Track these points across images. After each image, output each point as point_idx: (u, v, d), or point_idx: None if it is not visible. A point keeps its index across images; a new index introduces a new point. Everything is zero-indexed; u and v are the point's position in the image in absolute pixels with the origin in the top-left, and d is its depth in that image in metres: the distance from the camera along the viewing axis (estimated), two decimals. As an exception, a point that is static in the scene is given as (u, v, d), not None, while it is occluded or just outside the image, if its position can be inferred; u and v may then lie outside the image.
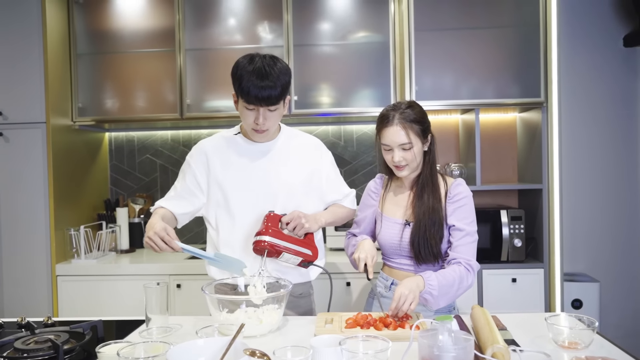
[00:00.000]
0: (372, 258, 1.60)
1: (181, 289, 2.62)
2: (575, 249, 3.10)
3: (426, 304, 1.51)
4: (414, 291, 1.44)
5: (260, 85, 1.53)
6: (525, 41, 2.67)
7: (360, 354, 1.13)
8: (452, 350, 1.00)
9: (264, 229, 1.55)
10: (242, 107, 1.62)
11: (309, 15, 2.79)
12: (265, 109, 1.59)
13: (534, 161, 2.76)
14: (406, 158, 1.62)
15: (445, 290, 1.49)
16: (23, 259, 2.69)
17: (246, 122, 1.64)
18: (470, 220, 1.64)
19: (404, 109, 1.62)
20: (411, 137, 1.60)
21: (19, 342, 1.29)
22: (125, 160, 3.28)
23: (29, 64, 2.68)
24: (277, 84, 1.55)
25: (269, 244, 1.51)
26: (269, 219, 1.59)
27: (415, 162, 1.64)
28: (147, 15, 2.86)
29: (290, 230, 1.60)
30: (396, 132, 1.60)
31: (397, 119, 1.60)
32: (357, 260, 1.60)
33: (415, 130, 1.61)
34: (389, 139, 1.62)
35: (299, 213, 1.62)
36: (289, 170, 1.73)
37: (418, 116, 1.63)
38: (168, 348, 1.10)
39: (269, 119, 1.61)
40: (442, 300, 1.50)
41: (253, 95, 1.54)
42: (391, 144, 1.62)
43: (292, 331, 1.47)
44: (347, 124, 3.16)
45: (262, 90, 1.54)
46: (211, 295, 1.45)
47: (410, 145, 1.60)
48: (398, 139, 1.60)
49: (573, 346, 1.27)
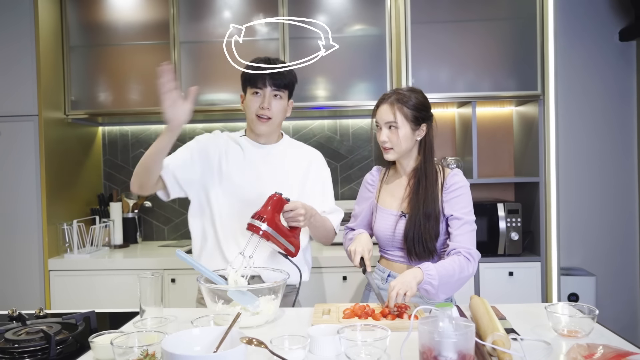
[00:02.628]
0: (368, 251, 1.59)
1: (176, 283, 2.59)
2: (571, 243, 3.10)
3: (427, 295, 1.49)
4: (408, 282, 1.42)
5: (269, 64, 1.63)
6: (522, 34, 2.66)
7: (359, 342, 1.11)
8: (452, 336, 0.98)
9: (266, 214, 1.51)
10: (249, 97, 1.69)
11: (304, 8, 2.77)
12: (271, 92, 1.65)
13: (531, 154, 2.75)
14: (391, 139, 1.63)
15: (445, 279, 1.47)
16: (15, 254, 2.65)
17: (251, 109, 1.68)
18: (468, 209, 1.63)
19: (404, 92, 1.65)
20: (397, 117, 1.61)
21: (9, 332, 1.27)
22: (119, 155, 3.24)
23: (21, 56, 2.64)
24: (284, 72, 1.65)
25: (264, 233, 1.49)
26: (274, 203, 1.54)
27: (400, 146, 1.63)
28: (141, 7, 2.82)
29: (285, 218, 1.58)
30: (385, 109, 1.64)
31: (391, 98, 1.64)
32: (352, 252, 1.59)
33: (404, 112, 1.61)
34: (379, 116, 1.66)
35: (301, 206, 1.58)
36: (284, 172, 1.75)
37: (414, 101, 1.62)
38: (163, 337, 1.08)
39: (273, 105, 1.67)
40: (443, 290, 1.48)
41: (261, 76, 1.63)
42: (379, 121, 1.66)
43: (289, 322, 1.45)
44: (343, 118, 3.14)
45: (269, 69, 1.62)
46: (206, 285, 1.43)
47: (395, 124, 1.61)
48: (385, 116, 1.63)
49: (573, 334, 1.26)
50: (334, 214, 1.81)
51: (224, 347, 1.06)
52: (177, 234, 3.22)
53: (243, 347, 0.99)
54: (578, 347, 1.10)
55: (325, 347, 1.15)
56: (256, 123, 1.69)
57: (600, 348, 1.08)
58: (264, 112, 1.66)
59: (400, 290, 1.39)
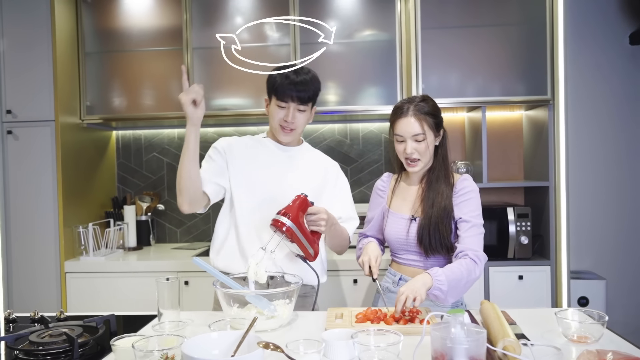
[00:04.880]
0: (375, 259, 1.63)
1: (189, 286, 2.63)
2: (580, 247, 3.10)
3: (436, 300, 1.52)
4: (417, 289, 1.44)
5: (296, 81, 1.66)
6: (532, 39, 2.67)
7: (372, 347, 1.14)
8: (464, 342, 1.01)
9: (290, 212, 1.53)
10: (274, 106, 1.72)
11: (315, 14, 2.80)
12: (296, 107, 1.69)
13: (540, 159, 2.76)
14: (419, 150, 1.64)
15: (454, 284, 1.50)
16: (32, 256, 2.71)
17: (275, 119, 1.72)
18: (477, 213, 1.66)
19: (418, 102, 1.67)
20: (425, 128, 1.63)
21: (34, 335, 1.31)
22: (132, 159, 3.29)
23: (38, 62, 2.70)
24: (309, 86, 1.69)
25: (288, 229, 1.51)
26: (300, 203, 1.56)
27: (427, 156, 1.67)
28: (154, 14, 2.87)
29: (307, 221, 1.60)
30: (410, 122, 1.64)
31: (411, 110, 1.64)
32: (361, 264, 1.65)
33: (429, 122, 1.64)
34: (403, 129, 1.65)
35: (325, 211, 1.60)
36: (306, 174, 1.78)
37: (432, 109, 1.66)
38: (182, 341, 1.12)
39: (297, 118, 1.71)
40: (451, 294, 1.51)
41: (287, 92, 1.66)
42: (405, 135, 1.65)
43: (303, 326, 1.49)
44: (354, 122, 3.17)
45: (296, 86, 1.66)
46: (222, 289, 1.46)
47: (423, 136, 1.63)
48: (412, 129, 1.63)
49: (583, 340, 1.28)
50: (349, 222, 1.82)
51: (241, 350, 1.09)
52: (189, 236, 3.27)
53: (260, 352, 1.03)
54: (588, 354, 1.12)
55: (339, 351, 1.18)
56: (279, 132, 1.75)
57: (610, 354, 1.10)
58: (288, 124, 1.71)
59: (409, 295, 1.42)
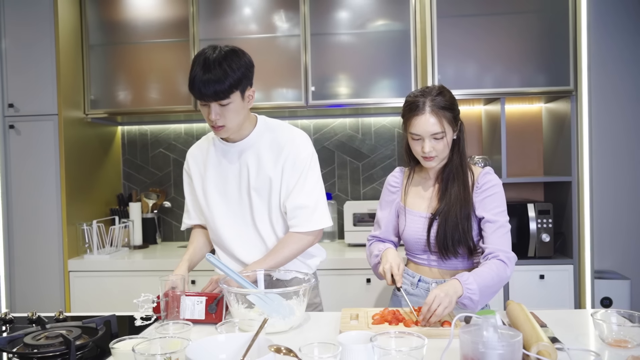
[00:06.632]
0: (397, 267, 1.49)
1: (196, 285, 2.55)
2: (603, 245, 2.98)
3: (465, 308, 1.41)
4: (450, 295, 1.33)
5: (203, 79, 1.44)
6: (553, 27, 2.56)
7: (393, 352, 1.04)
8: (498, 347, 0.90)
9: None
10: (200, 106, 1.54)
11: (326, 3, 2.71)
12: (216, 104, 1.48)
13: (562, 153, 2.64)
14: (437, 148, 1.51)
15: (484, 290, 1.39)
16: (35, 254, 2.64)
17: (205, 117, 1.55)
18: (501, 210, 1.54)
19: (435, 95, 1.50)
20: (444, 125, 1.49)
21: (28, 337, 1.23)
22: (138, 155, 3.22)
23: (41, 55, 2.62)
24: (223, 78, 1.44)
25: None
26: None
27: (444, 152, 1.54)
28: (160, 5, 2.79)
29: None
30: (428, 121, 1.48)
31: (428, 106, 1.49)
32: (382, 274, 1.51)
33: (447, 118, 1.50)
34: (421, 129, 1.49)
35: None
36: (258, 171, 1.60)
37: (449, 102, 1.52)
38: (186, 344, 1.03)
39: (223, 115, 1.50)
40: (482, 302, 1.40)
41: (197, 89, 1.46)
42: (422, 134, 1.50)
43: (315, 327, 1.39)
44: (365, 116, 3.07)
45: (206, 84, 1.44)
46: (229, 288, 1.37)
47: (443, 134, 1.49)
48: (430, 128, 1.48)
49: (622, 344, 1.17)
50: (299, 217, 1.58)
51: (251, 355, 1.00)
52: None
53: (272, 356, 0.93)
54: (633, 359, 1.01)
55: (357, 355, 1.08)
56: (214, 131, 1.57)
57: (659, 361, 1.00)
58: (214, 122, 1.51)
59: (442, 301, 1.31)
